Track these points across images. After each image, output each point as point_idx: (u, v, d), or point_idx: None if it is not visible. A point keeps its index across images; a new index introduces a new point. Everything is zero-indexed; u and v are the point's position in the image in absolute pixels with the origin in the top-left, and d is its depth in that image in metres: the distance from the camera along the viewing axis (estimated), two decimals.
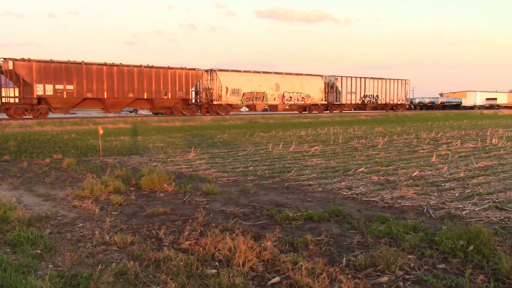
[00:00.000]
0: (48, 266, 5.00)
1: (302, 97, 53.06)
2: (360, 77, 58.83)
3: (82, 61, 38.42)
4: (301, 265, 4.81)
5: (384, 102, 61.57)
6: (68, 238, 6.07)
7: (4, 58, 36.49)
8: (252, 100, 49.20)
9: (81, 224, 6.76)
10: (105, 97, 39.39)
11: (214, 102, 46.53)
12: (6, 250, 5.51)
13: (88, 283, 4.45)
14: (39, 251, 5.44)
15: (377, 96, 60.49)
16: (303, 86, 53.07)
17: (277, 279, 4.69)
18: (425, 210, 7.58)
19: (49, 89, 36.73)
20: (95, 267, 4.87)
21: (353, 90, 57.77)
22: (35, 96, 36.26)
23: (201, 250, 5.39)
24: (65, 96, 37.48)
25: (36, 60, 36.43)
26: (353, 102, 58.31)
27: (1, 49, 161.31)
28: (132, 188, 9.55)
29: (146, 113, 54.83)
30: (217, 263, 5.10)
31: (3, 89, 37.79)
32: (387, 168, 12.16)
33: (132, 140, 21.99)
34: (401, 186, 9.51)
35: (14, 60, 35.76)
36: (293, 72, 53.69)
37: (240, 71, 48.75)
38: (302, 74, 54.13)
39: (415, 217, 7.03)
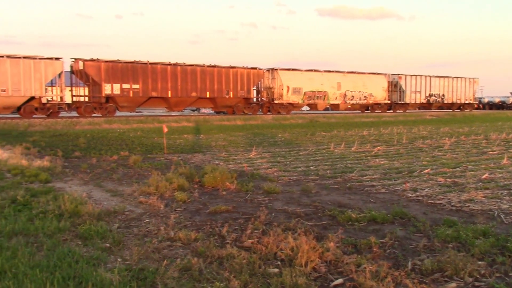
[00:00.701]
0: (116, 259, 5.18)
1: (364, 96, 52.22)
2: (425, 76, 57.18)
3: (148, 61, 39.57)
4: (365, 268, 4.73)
5: (450, 102, 59.58)
6: (135, 233, 6.26)
7: (75, 59, 38.22)
8: (314, 99, 48.93)
9: (147, 220, 6.95)
10: (169, 96, 40.40)
11: (275, 101, 46.66)
12: (78, 242, 5.75)
13: (154, 277, 4.58)
14: (108, 245, 5.64)
15: (443, 95, 58.57)
16: (365, 85, 52.21)
17: (340, 280, 4.64)
18: (496, 215, 7.24)
19: (117, 88, 38.12)
20: (160, 262, 5.00)
21: (418, 89, 56.23)
22: (103, 95, 37.72)
23: (264, 248, 5.41)
24: (131, 95, 38.76)
25: (104, 60, 37.90)
26: (418, 101, 56.76)
27: (72, 50, 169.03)
28: (196, 186, 9.73)
29: (208, 111, 55.73)
30: (279, 262, 5.10)
31: (74, 88, 39.60)
32: (454, 169, 11.73)
33: (195, 138, 22.42)
34: (470, 189, 9.14)
35: (84, 60, 37.37)
36: (356, 71, 52.93)
37: (301, 70, 48.61)
38: (364, 73, 53.26)
39: (485, 222, 6.74)
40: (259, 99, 47.58)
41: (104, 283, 4.32)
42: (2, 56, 34.10)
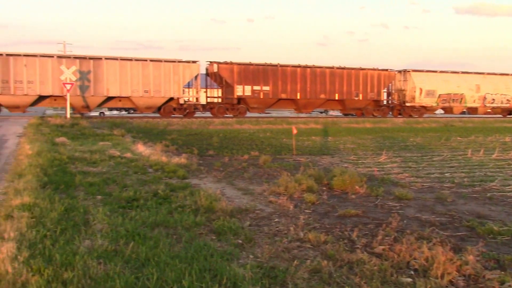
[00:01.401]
0: (248, 255, 5.34)
1: (507, 100, 48.28)
2: None
3: (278, 64, 40.34)
4: (510, 286, 4.36)
5: None
6: (265, 231, 6.41)
7: (210, 62, 40.17)
8: (449, 102, 46.34)
9: (276, 219, 7.08)
10: (298, 98, 40.81)
11: (407, 104, 44.96)
12: (212, 237, 6.03)
13: (284, 276, 4.64)
14: (240, 241, 5.84)
15: None
16: (508, 87, 48.23)
17: None
18: None
19: (248, 90, 39.37)
20: (291, 262, 5.06)
21: None
22: (235, 96, 39.19)
23: (396, 256, 5.23)
24: (261, 97, 39.80)
25: (236, 63, 39.35)
26: None
27: (207, 53, 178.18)
28: (324, 188, 9.70)
29: (336, 114, 55.34)
30: (412, 272, 4.90)
31: (208, 90, 41.67)
32: None
33: (323, 140, 22.39)
34: None
35: (218, 63, 39.13)
36: (497, 72, 49.07)
37: (435, 71, 46.28)
38: (507, 74, 49.18)
39: None
40: (390, 102, 46.18)
41: (237, 278, 4.48)
42: (146, 60, 36.93)
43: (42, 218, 6.18)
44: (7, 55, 33.29)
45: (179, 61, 37.78)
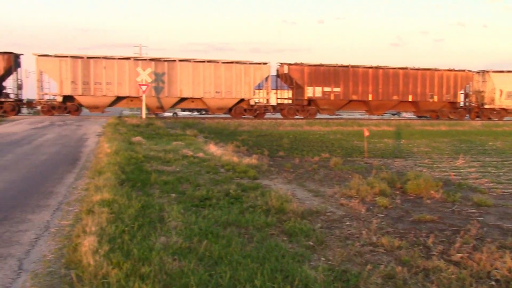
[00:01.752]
0: (319, 258, 5.30)
1: None
2: None
3: (349, 65, 39.77)
4: None
5: None
6: (337, 234, 6.33)
7: (281, 63, 40.27)
8: None
9: (348, 222, 6.97)
10: (370, 99, 40.02)
11: (486, 106, 42.90)
12: (283, 238, 6.03)
13: (357, 280, 4.56)
14: (311, 243, 5.80)
15: None
16: None
17: None
18: None
19: (318, 91, 39.09)
20: (363, 266, 4.96)
21: None
22: (305, 98, 39.02)
23: (475, 265, 5.00)
24: (332, 98, 39.39)
25: (307, 64, 39.19)
26: None
27: (277, 55, 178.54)
28: (397, 192, 9.46)
29: (409, 116, 53.76)
30: (493, 283, 4.66)
31: (278, 91, 41.80)
32: None
33: (395, 143, 21.84)
34: None
35: (288, 64, 39.14)
36: None
37: None
38: None
39: None
40: (467, 104, 44.26)
41: (308, 280, 4.46)
42: (218, 62, 37.58)
43: (120, 214, 6.43)
44: (88, 58, 34.99)
45: (250, 63, 38.14)
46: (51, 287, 4.41)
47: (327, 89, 39.16)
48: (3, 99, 34.66)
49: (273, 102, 40.95)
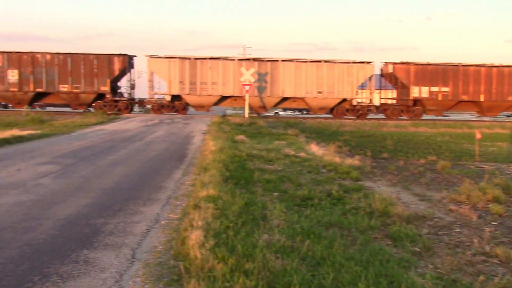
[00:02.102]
0: (427, 265, 5.08)
1: None
2: None
3: (459, 63, 37.77)
4: None
5: None
6: (445, 241, 6.02)
7: (385, 62, 39.19)
8: None
9: (458, 229, 6.61)
10: (482, 100, 37.74)
11: None
12: (388, 242, 5.85)
13: None
14: (418, 249, 5.58)
15: None
16: None
17: None
18: None
19: (425, 91, 37.56)
20: (475, 277, 4.68)
21: None
22: (411, 98, 37.67)
23: None
24: (439, 99, 37.66)
25: (413, 63, 37.78)
26: None
27: (381, 54, 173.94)
28: None
29: None
30: None
31: (382, 91, 40.73)
32: None
33: (510, 146, 20.37)
34: None
35: (393, 63, 37.99)
36: None
37: None
38: None
39: None
40: None
41: (415, 287, 4.29)
42: (320, 61, 37.38)
43: (225, 210, 6.62)
44: (195, 58, 36.43)
45: (353, 62, 37.53)
46: (161, 277, 4.63)
47: (434, 89, 37.52)
48: (118, 98, 37.14)
49: (376, 102, 39.98)
